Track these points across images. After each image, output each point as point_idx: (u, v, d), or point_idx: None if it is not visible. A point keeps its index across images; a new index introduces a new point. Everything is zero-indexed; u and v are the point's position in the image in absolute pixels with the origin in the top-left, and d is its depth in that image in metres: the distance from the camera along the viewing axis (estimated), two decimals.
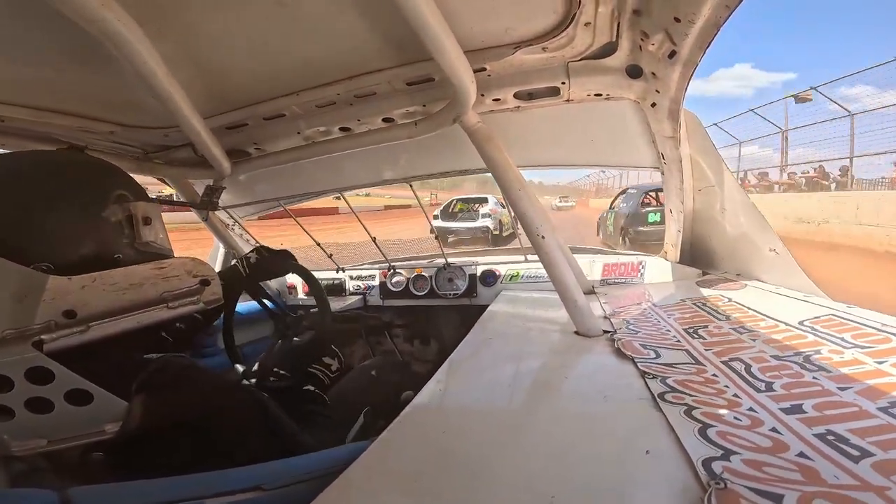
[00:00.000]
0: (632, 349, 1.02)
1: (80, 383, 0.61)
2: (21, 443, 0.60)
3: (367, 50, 1.01)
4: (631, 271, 1.94)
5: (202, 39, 0.92)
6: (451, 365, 1.10)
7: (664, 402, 0.76)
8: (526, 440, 0.73)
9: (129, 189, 0.81)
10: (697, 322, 1.17)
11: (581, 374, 1.02)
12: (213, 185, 1.45)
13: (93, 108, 1.18)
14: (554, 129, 1.59)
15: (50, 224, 0.69)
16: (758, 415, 0.68)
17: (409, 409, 0.86)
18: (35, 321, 0.60)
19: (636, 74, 1.10)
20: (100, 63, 0.92)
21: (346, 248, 8.07)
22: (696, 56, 0.91)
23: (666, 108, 1.17)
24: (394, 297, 2.29)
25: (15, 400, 0.59)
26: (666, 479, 0.57)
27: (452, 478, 0.63)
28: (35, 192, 0.70)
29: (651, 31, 0.91)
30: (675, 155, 1.39)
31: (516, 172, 1.24)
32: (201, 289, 0.78)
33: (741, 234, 1.53)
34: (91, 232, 0.73)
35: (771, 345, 0.94)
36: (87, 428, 0.63)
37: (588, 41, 0.99)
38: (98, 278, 0.67)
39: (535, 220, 1.22)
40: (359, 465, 0.66)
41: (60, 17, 0.73)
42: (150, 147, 1.45)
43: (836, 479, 0.52)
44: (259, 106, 1.24)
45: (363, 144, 1.35)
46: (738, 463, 0.56)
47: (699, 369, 0.88)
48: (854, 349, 0.85)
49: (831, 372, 0.78)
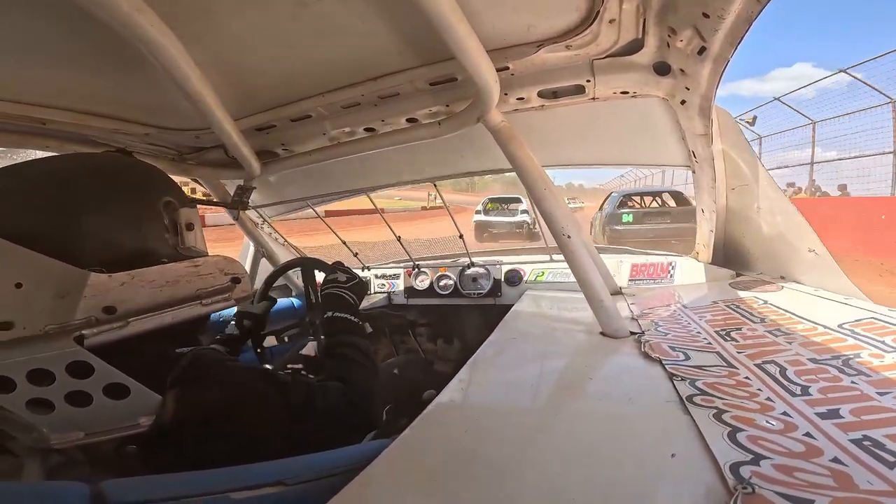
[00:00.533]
0: (660, 351, 1.00)
1: (118, 377, 0.63)
2: (60, 435, 0.62)
3: (389, 50, 1.02)
4: (660, 272, 1.90)
5: (230, 43, 0.95)
6: (475, 364, 1.09)
7: (692, 405, 0.74)
8: (548, 441, 0.73)
9: (176, 195, 0.84)
10: (730, 324, 1.14)
11: (606, 376, 1.00)
12: (244, 185, 1.50)
13: (128, 110, 1.22)
14: (580, 127, 1.57)
15: (100, 228, 0.71)
16: (792, 419, 0.66)
17: (432, 408, 0.86)
18: (76, 317, 0.63)
19: (664, 71, 1.07)
20: (134, 66, 0.96)
21: (374, 246, 8.18)
22: (727, 52, 0.89)
23: (696, 105, 1.13)
24: (418, 296, 2.30)
25: (55, 393, 0.61)
26: (690, 483, 0.55)
27: (474, 478, 0.63)
28: (85, 195, 0.72)
29: (679, 28, 0.89)
30: (706, 153, 1.35)
31: (541, 172, 1.23)
32: (232, 286, 0.81)
33: (777, 233, 1.48)
34: (140, 237, 0.76)
35: (808, 348, 0.91)
36: (123, 421, 0.65)
37: (613, 38, 0.97)
38: (136, 275, 0.69)
39: (560, 220, 1.21)
40: (380, 463, 0.66)
41: (96, 22, 0.76)
42: (184, 148, 1.51)
43: (869, 484, 0.50)
44: (286, 107, 1.27)
45: (388, 144, 1.36)
46: (768, 468, 0.55)
47: (731, 372, 0.86)
48: (895, 353, 0.81)
49: (871, 376, 0.75)
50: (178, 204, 0.83)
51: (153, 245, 0.77)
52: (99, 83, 1.04)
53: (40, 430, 0.61)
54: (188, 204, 0.86)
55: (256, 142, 1.40)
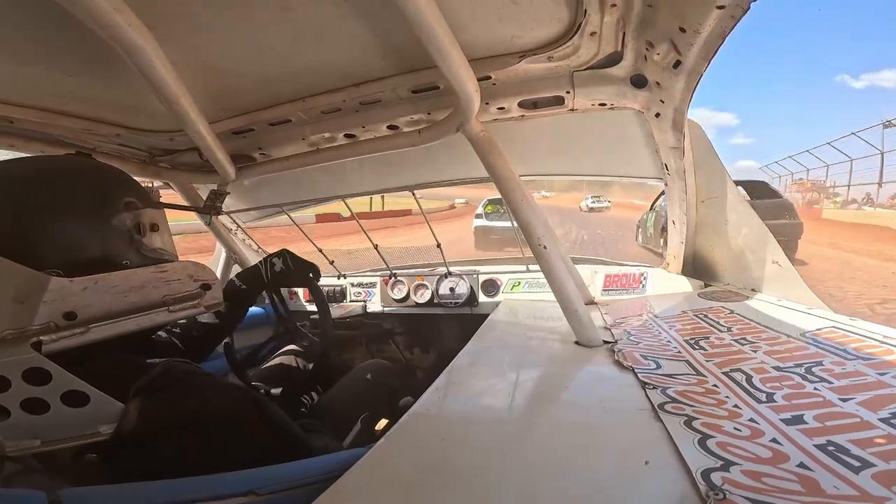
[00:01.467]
0: (632, 360, 1.02)
1: (77, 385, 0.61)
2: (15, 443, 0.60)
3: (372, 57, 1.02)
4: (633, 282, 1.94)
5: (209, 44, 0.93)
6: (451, 373, 1.09)
7: (664, 413, 0.75)
8: (525, 450, 0.73)
9: (138, 195, 0.82)
10: (699, 333, 1.17)
11: (581, 385, 1.01)
12: (218, 189, 1.46)
13: (99, 110, 1.19)
14: (557, 138, 1.60)
15: (58, 229, 0.70)
16: (758, 425, 0.68)
17: (408, 417, 0.85)
18: (35, 322, 0.61)
19: (641, 84, 1.10)
20: (107, 66, 0.93)
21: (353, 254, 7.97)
22: (700, 66, 0.92)
23: (670, 118, 1.17)
24: (395, 304, 2.29)
25: (11, 400, 0.59)
26: (664, 490, 0.56)
27: (449, 487, 0.63)
28: (43, 198, 0.70)
29: (656, 41, 0.91)
30: (678, 165, 1.39)
31: (518, 181, 1.24)
32: (202, 293, 0.78)
33: (744, 245, 1.53)
34: (99, 238, 0.74)
35: (772, 356, 0.94)
36: (82, 429, 0.63)
37: (593, 50, 1.00)
38: (99, 280, 0.67)
39: (536, 230, 1.22)
40: (354, 472, 0.65)
41: (70, 20, 0.74)
42: (156, 150, 1.46)
43: (836, 489, 0.51)
44: (265, 111, 1.25)
45: (368, 151, 1.35)
46: (737, 474, 0.56)
47: (700, 380, 0.88)
48: (856, 360, 0.85)
49: (833, 383, 0.78)
50: (141, 204, 0.81)
51: (114, 246, 0.75)
52: (70, 82, 1.01)
53: None
54: (152, 204, 0.84)
55: (232, 145, 1.37)
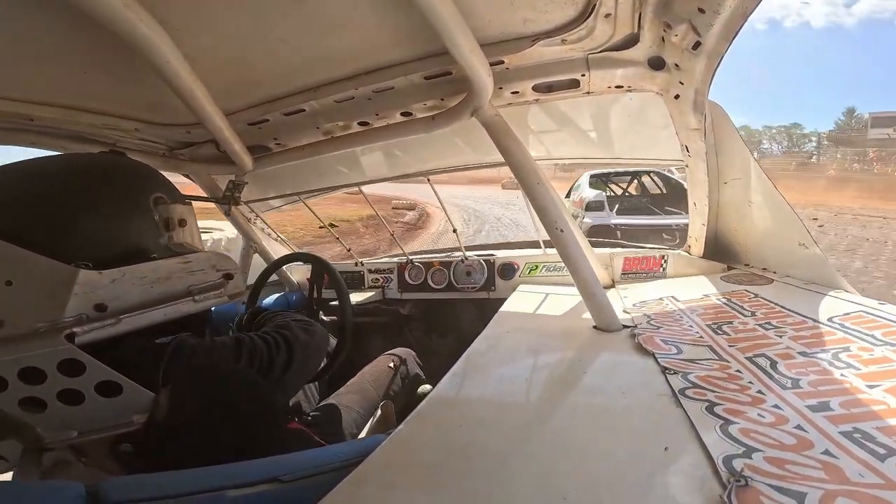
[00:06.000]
0: (652, 344, 1.01)
1: (110, 375, 0.63)
2: (53, 434, 0.62)
3: (384, 44, 1.01)
4: (653, 265, 1.91)
5: (222, 37, 0.94)
6: (469, 359, 1.10)
7: (685, 398, 0.74)
8: (542, 435, 0.73)
9: (167, 192, 0.84)
10: (722, 318, 1.15)
11: (599, 369, 1.01)
12: (236, 180, 1.48)
13: (118, 106, 1.21)
14: (573, 121, 1.57)
15: (90, 225, 0.71)
16: (783, 412, 0.67)
17: (426, 403, 0.87)
18: (66, 314, 0.62)
19: (659, 66, 1.07)
20: (123, 61, 0.94)
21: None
22: (721, 47, 0.89)
23: (690, 100, 1.13)
24: (412, 290, 2.30)
25: (47, 392, 0.60)
26: (684, 477, 0.56)
27: (468, 472, 0.64)
28: (74, 194, 0.72)
29: (674, 22, 0.89)
30: (699, 147, 1.36)
31: (534, 165, 1.23)
32: (225, 282, 0.81)
33: (768, 227, 1.49)
34: (129, 233, 0.76)
35: (798, 341, 0.92)
36: (116, 419, 0.65)
37: (609, 32, 0.97)
38: (127, 272, 0.69)
39: (553, 213, 1.21)
40: (375, 458, 0.67)
41: (84, 18, 0.75)
42: (174, 144, 1.49)
43: (860, 477, 0.50)
44: (279, 102, 1.25)
45: (382, 139, 1.36)
46: (760, 460, 0.55)
47: (722, 365, 0.87)
48: (884, 346, 0.82)
49: (860, 369, 0.76)
50: (170, 200, 0.83)
51: (143, 241, 0.77)
52: (88, 79, 1.03)
53: (34, 430, 0.61)
54: (180, 200, 0.86)
55: (248, 136, 1.38)
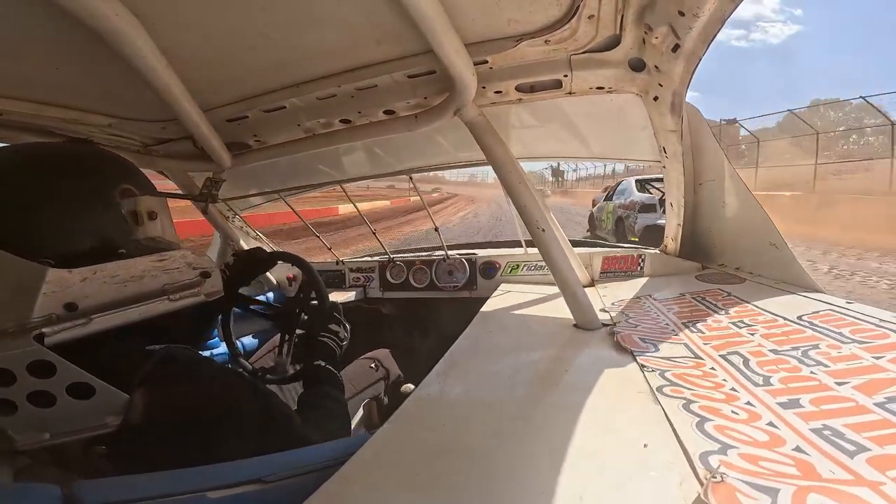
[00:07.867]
0: (631, 342, 1.03)
1: (81, 376, 0.61)
2: (24, 437, 0.60)
3: (367, 42, 1.00)
4: (630, 265, 1.94)
5: (200, 31, 0.91)
6: (451, 358, 1.10)
7: (662, 396, 0.76)
8: (525, 433, 0.74)
9: (135, 183, 0.81)
10: (696, 316, 1.18)
11: (580, 367, 1.02)
12: (213, 177, 1.45)
13: (90, 100, 1.16)
14: (555, 121, 1.59)
15: (52, 218, 0.69)
16: (755, 409, 0.69)
17: (410, 402, 0.86)
18: (35, 314, 0.60)
19: (639, 68, 1.09)
20: (97, 55, 0.91)
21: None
22: (699, 50, 0.91)
23: (668, 102, 1.16)
24: (394, 289, 2.29)
25: (17, 394, 0.58)
26: (663, 473, 0.57)
27: (452, 471, 0.64)
28: (38, 185, 0.70)
29: (655, 25, 0.90)
30: (676, 149, 1.39)
31: (516, 165, 1.24)
32: (202, 281, 0.78)
33: (741, 228, 1.53)
34: (94, 226, 0.73)
35: (769, 339, 0.95)
36: (90, 421, 0.63)
37: (591, 34, 0.98)
38: (98, 270, 0.66)
39: (534, 213, 1.22)
40: (359, 458, 0.66)
41: (57, 9, 0.73)
42: (149, 139, 1.44)
43: (831, 473, 0.52)
44: (259, 98, 1.23)
45: (364, 137, 1.34)
46: (734, 457, 0.57)
47: (697, 363, 0.89)
48: (852, 344, 0.86)
49: (829, 367, 0.79)
50: (138, 191, 0.80)
51: (111, 236, 0.74)
52: (60, 72, 0.99)
53: (5, 432, 0.59)
54: (151, 192, 0.83)
55: (227, 133, 1.35)
